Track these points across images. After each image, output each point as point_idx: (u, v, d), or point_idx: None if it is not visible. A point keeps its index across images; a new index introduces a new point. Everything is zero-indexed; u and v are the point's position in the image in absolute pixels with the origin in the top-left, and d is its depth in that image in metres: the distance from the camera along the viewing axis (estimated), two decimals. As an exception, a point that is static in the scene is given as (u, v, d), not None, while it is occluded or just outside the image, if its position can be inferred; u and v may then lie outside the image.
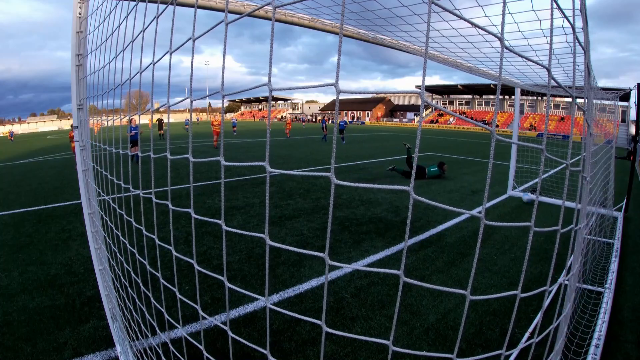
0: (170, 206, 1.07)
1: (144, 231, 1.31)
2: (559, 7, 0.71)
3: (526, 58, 0.76)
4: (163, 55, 1.06)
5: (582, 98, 1.18)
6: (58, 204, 6.16)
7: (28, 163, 12.71)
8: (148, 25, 1.11)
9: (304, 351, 2.41)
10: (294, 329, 2.65)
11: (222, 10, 2.25)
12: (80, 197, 2.08)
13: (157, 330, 1.48)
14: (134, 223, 1.43)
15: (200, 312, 1.06)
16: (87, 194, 2.05)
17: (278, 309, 0.83)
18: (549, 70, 0.71)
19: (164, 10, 1.06)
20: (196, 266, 1.01)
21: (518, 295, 0.79)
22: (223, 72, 0.87)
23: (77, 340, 2.46)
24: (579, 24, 0.91)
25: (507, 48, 0.67)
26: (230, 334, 0.96)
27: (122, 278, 1.88)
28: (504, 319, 2.81)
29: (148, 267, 1.32)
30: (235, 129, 25.03)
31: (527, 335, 2.57)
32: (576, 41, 0.81)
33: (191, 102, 0.98)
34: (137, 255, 1.42)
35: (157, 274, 1.28)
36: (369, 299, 3.10)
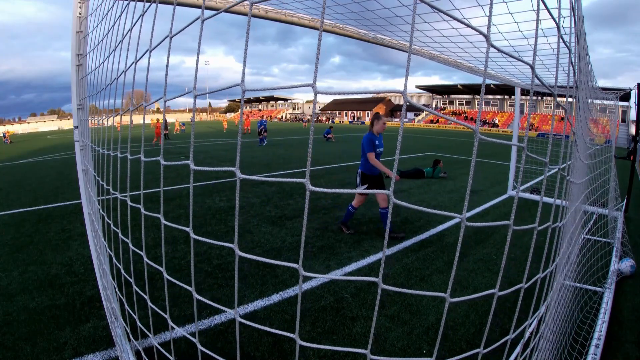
0: (143, 210, 1.08)
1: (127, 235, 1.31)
2: (546, 7, 0.72)
3: (512, 56, 0.77)
4: (143, 54, 1.06)
5: (571, 97, 1.20)
6: (58, 204, 6.16)
7: (28, 163, 12.72)
8: (134, 25, 1.11)
9: (304, 351, 2.41)
10: (294, 328, 2.65)
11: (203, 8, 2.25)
12: (80, 197, 2.08)
13: (154, 331, 1.48)
14: (118, 232, 1.43)
15: (170, 323, 1.07)
16: (87, 194, 2.05)
17: (247, 322, 0.92)
18: (532, 68, 0.73)
19: (147, 9, 1.06)
20: (165, 275, 1.10)
21: (496, 293, 0.83)
22: (196, 72, 0.88)
23: (77, 340, 2.46)
24: (568, 24, 0.92)
25: (492, 46, 0.68)
26: (200, 347, 1.04)
27: (121, 278, 1.88)
28: (504, 319, 2.81)
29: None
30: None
31: (527, 335, 2.56)
32: (560, 40, 0.82)
33: (165, 102, 0.99)
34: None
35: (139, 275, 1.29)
36: (369, 299, 3.10)
